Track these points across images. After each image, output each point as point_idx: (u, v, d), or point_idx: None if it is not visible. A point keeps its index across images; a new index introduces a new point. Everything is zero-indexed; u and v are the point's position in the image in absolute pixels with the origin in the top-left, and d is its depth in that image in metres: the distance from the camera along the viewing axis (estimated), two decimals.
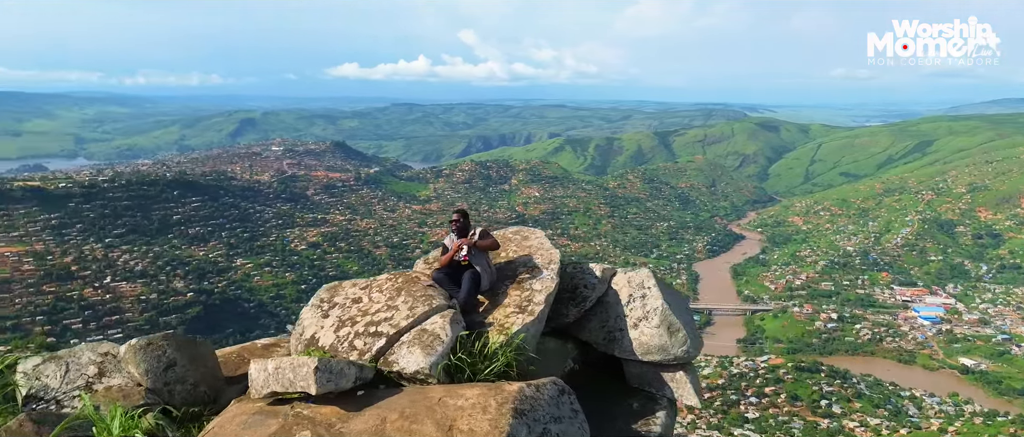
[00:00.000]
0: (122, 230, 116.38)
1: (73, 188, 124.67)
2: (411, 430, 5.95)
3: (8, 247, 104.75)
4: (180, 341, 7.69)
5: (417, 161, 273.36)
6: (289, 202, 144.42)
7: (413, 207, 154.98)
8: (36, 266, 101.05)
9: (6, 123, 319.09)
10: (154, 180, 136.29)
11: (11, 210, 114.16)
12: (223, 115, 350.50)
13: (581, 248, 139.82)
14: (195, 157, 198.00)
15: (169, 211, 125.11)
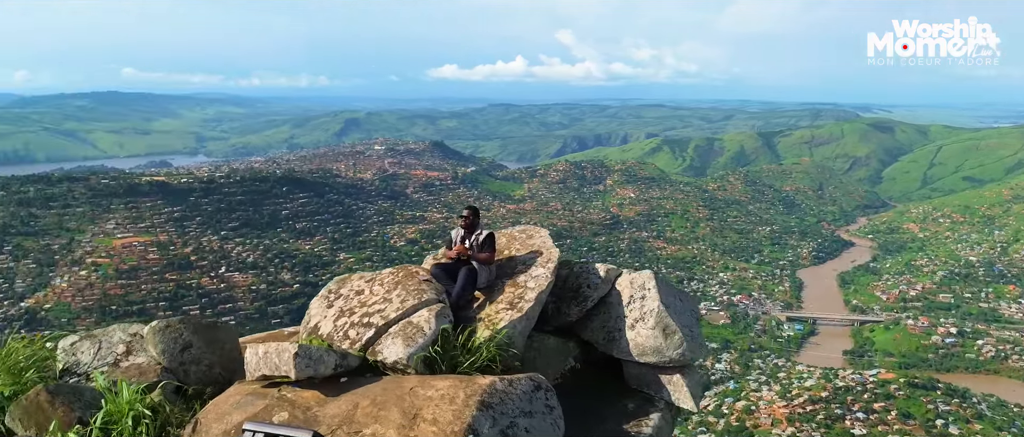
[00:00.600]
0: (236, 223, 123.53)
1: (194, 183, 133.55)
2: (377, 416, 6.16)
3: (136, 237, 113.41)
4: (197, 324, 8.03)
5: (512, 161, 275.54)
6: (389, 199, 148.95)
7: (507, 206, 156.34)
8: (160, 255, 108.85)
9: (136, 122, 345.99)
10: (265, 177, 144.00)
11: (139, 203, 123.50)
12: (330, 115, 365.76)
13: (678, 251, 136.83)
14: (303, 155, 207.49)
15: (278, 206, 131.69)
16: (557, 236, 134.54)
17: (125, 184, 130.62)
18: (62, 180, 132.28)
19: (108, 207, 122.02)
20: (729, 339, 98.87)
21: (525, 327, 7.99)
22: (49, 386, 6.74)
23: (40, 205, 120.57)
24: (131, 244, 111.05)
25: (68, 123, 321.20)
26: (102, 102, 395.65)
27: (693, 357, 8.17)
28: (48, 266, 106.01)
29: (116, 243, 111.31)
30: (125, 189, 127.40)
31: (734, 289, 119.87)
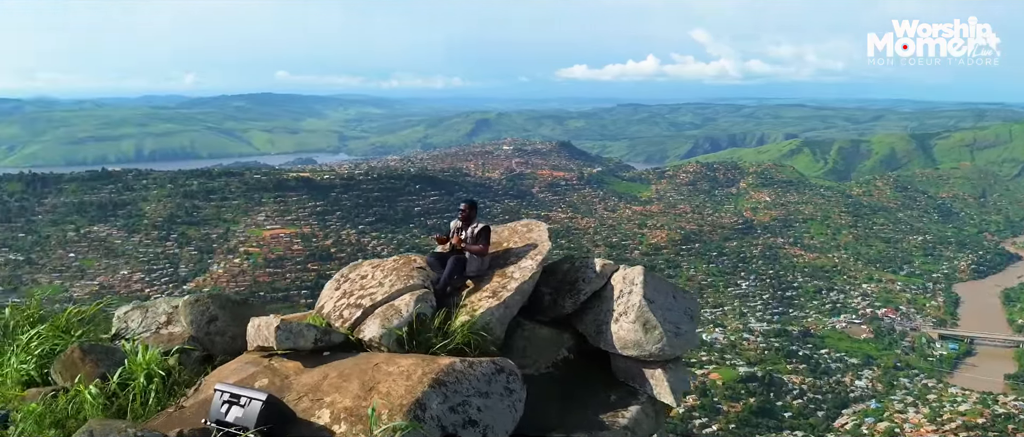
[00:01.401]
0: (372, 218, 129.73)
1: (335, 180, 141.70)
2: (339, 386, 6.73)
3: (283, 229, 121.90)
4: (225, 300, 8.95)
5: (640, 162, 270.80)
6: (516, 198, 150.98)
7: (634, 208, 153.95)
8: (303, 247, 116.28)
9: (286, 122, 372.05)
10: (400, 174, 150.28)
11: (286, 197, 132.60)
12: (462, 116, 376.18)
13: (816, 259, 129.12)
14: (435, 154, 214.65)
15: (411, 203, 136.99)
16: (685, 240, 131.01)
17: (274, 179, 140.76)
18: (221, 175, 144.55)
19: (259, 201, 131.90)
20: (871, 355, 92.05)
21: (503, 315, 8.30)
22: (83, 344, 7.72)
23: (202, 197, 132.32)
24: (278, 235, 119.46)
25: (228, 122, 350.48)
26: (257, 103, 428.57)
27: (673, 353, 8.26)
28: (207, 253, 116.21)
29: (265, 234, 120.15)
30: (274, 184, 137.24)
31: (878, 302, 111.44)
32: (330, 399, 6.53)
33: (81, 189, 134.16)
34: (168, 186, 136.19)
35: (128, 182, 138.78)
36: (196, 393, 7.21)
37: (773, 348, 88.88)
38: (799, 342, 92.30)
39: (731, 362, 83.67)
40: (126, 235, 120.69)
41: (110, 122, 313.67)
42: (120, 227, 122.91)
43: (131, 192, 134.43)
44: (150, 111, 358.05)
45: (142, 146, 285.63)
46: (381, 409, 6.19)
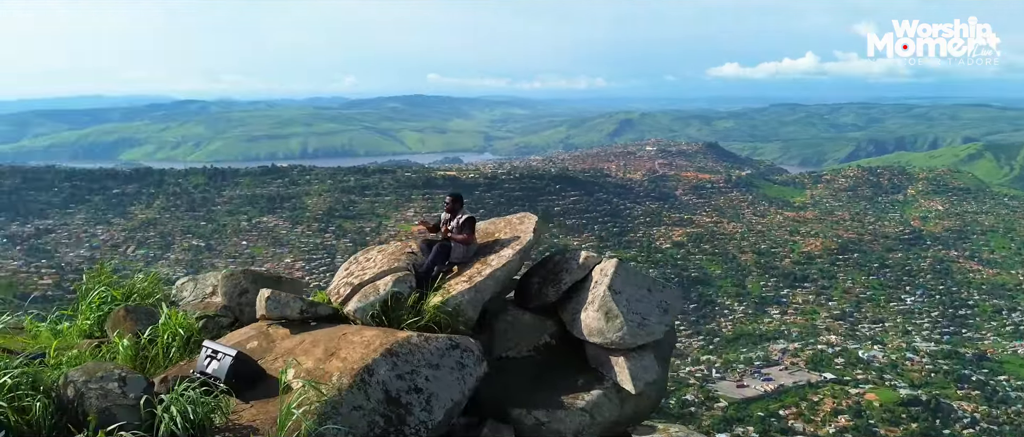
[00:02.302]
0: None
1: (479, 178, 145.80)
2: (308, 351, 7.62)
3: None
4: (257, 276, 10.04)
5: (794, 165, 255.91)
6: (657, 201, 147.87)
7: (785, 213, 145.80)
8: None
9: (436, 122, 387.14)
10: (541, 174, 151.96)
11: (434, 194, 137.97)
12: (604, 116, 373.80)
13: (995, 275, 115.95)
14: (577, 155, 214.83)
15: (552, 203, 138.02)
16: (842, 249, 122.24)
17: (423, 177, 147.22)
18: (375, 172, 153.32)
19: (409, 197, 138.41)
20: None
21: (474, 298, 8.78)
22: (128, 306, 9.25)
23: (358, 193, 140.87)
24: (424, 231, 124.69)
25: (383, 122, 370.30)
26: (410, 104, 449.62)
27: (633, 342, 8.54)
28: (361, 245, 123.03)
29: (413, 229, 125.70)
30: (423, 182, 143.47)
31: None
32: (299, 361, 7.38)
33: (254, 183, 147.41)
34: (328, 182, 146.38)
35: (294, 177, 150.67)
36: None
37: (941, 370, 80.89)
38: (973, 366, 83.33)
39: (891, 383, 77.15)
40: (290, 226, 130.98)
41: (280, 122, 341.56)
42: (285, 218, 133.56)
43: (296, 186, 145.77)
44: (315, 111, 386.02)
45: (307, 144, 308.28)
46: (334, 371, 7.02)
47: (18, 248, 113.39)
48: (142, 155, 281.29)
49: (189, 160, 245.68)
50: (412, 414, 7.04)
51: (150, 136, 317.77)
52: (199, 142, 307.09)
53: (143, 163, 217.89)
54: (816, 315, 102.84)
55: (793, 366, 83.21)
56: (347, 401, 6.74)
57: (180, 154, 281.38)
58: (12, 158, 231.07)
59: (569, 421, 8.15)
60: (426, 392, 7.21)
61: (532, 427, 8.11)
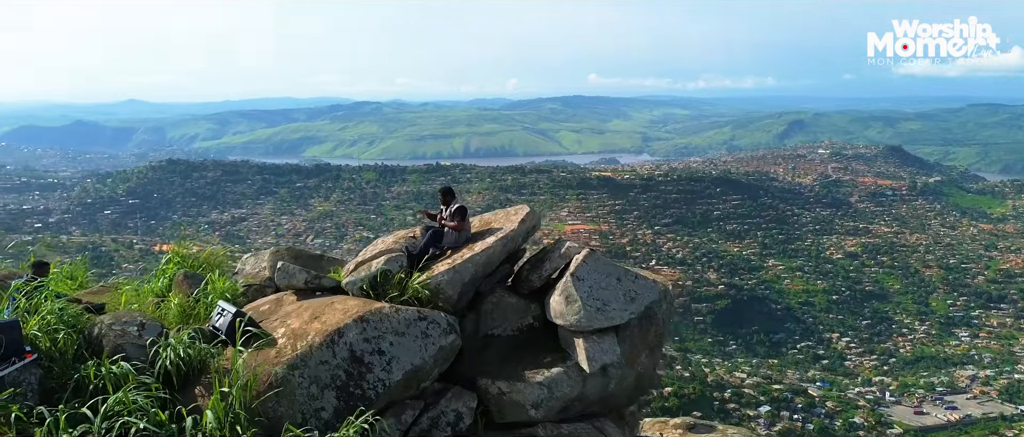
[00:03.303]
0: (668, 220, 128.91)
1: (635, 180, 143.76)
2: (299, 314, 8.81)
3: (583, 224, 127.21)
4: (299, 253, 11.45)
5: (994, 172, 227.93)
6: (829, 207, 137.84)
7: (980, 226, 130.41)
8: (601, 243, 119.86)
9: (594, 123, 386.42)
10: (701, 177, 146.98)
11: (587, 194, 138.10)
12: (773, 117, 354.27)
13: None
14: (740, 157, 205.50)
15: (711, 206, 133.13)
16: None
17: (578, 177, 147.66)
18: (532, 172, 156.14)
19: (564, 197, 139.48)
20: None
21: (453, 278, 9.47)
22: (186, 272, 10.96)
23: (515, 191, 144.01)
24: (578, 230, 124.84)
25: (542, 123, 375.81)
26: (568, 105, 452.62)
27: (590, 326, 9.08)
28: None
29: (567, 229, 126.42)
30: (578, 182, 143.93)
31: None
32: (289, 321, 8.68)
33: (419, 180, 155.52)
34: (487, 180, 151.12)
35: (456, 175, 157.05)
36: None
37: None
38: None
39: None
40: None
41: (446, 122, 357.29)
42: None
43: (457, 184, 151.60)
44: (478, 113, 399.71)
45: (469, 144, 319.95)
46: (313, 331, 8.19)
47: (217, 234, 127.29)
48: (323, 152, 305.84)
49: (363, 157, 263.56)
50: (372, 372, 8.02)
51: (330, 134, 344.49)
52: (373, 141, 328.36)
53: (323, 159, 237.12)
54: (1014, 340, 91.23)
55: (983, 395, 74.73)
56: (316, 356, 7.87)
57: (355, 151, 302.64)
58: (215, 153, 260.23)
59: (528, 393, 8.76)
60: (388, 355, 8.17)
61: (495, 396, 8.81)
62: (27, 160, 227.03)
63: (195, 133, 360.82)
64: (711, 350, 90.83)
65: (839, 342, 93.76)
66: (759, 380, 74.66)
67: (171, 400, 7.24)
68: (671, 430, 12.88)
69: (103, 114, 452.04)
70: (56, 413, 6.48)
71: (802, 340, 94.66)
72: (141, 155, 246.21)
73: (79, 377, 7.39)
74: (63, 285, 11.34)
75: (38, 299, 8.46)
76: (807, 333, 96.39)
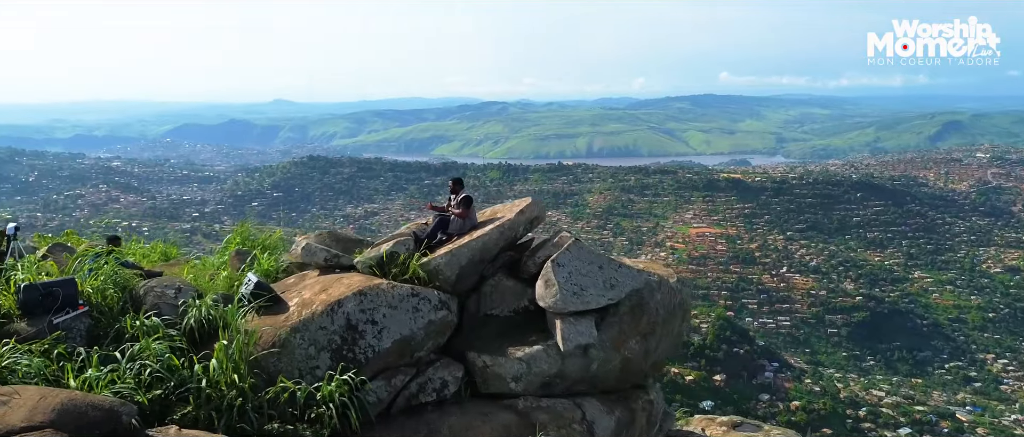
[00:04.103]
0: (802, 226, 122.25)
1: (766, 183, 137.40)
2: (311, 287, 9.96)
3: (709, 228, 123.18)
4: (340, 236, 12.31)
5: None
6: (987, 217, 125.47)
7: None
8: (727, 247, 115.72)
9: (724, 123, 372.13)
10: (839, 181, 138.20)
11: (715, 197, 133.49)
12: (924, 117, 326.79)
13: None
14: (885, 160, 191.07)
15: (849, 212, 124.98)
16: None
17: (705, 179, 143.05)
18: (656, 172, 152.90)
19: (689, 199, 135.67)
20: None
21: (450, 261, 10.24)
22: (238, 250, 12.57)
23: (637, 192, 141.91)
24: (704, 234, 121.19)
25: (669, 123, 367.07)
26: (697, 104, 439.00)
27: (565, 308, 9.67)
28: (637, 244, 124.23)
29: (692, 231, 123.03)
30: (705, 184, 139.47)
31: None
32: (303, 293, 9.79)
33: (541, 179, 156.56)
34: (609, 180, 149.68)
35: (577, 175, 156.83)
36: (279, 283, 11.15)
37: None
38: None
39: None
40: (571, 221, 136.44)
41: (570, 122, 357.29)
42: (567, 214, 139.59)
43: (579, 184, 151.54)
44: (603, 112, 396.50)
45: (593, 144, 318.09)
46: (318, 301, 9.25)
47: (351, 227, 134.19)
48: (450, 150, 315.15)
49: (488, 156, 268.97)
50: (363, 339, 9.03)
51: (458, 134, 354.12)
52: (498, 140, 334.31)
53: (450, 158, 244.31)
54: None
55: None
56: (316, 322, 8.91)
57: (481, 150, 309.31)
58: (351, 150, 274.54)
59: (508, 367, 9.45)
60: (380, 325, 9.15)
61: (480, 368, 9.55)
62: (188, 155, 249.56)
63: (334, 131, 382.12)
64: (845, 365, 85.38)
65: (995, 364, 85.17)
66: (899, 400, 69.43)
67: (189, 351, 8.36)
68: (716, 427, 13.38)
69: (254, 113, 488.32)
70: (90, 353, 7.79)
71: (951, 360, 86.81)
72: (285, 151, 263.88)
73: (119, 327, 8.69)
74: (143, 257, 13.83)
75: (98, 264, 10.05)
76: (957, 352, 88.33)
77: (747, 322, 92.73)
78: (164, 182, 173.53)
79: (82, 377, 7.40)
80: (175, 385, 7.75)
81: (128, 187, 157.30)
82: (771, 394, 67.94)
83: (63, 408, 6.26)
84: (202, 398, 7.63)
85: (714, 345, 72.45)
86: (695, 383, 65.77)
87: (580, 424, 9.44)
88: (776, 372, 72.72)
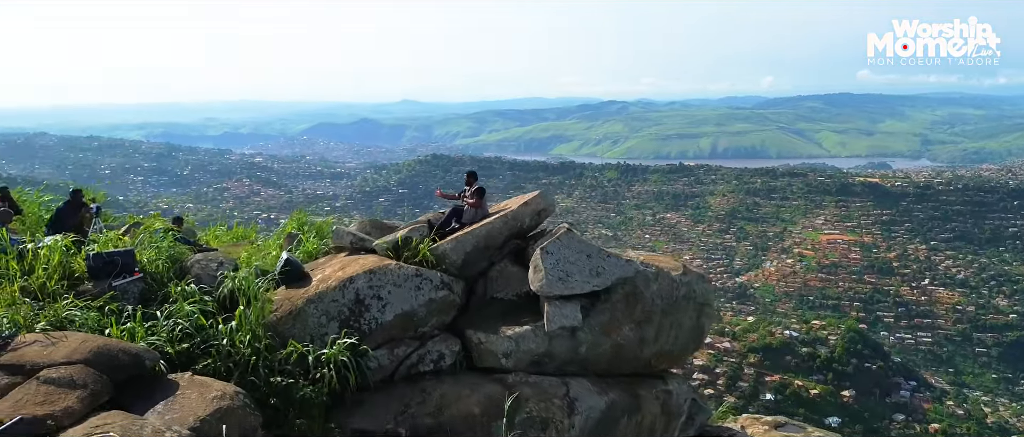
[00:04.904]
0: (948, 235, 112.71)
1: (908, 188, 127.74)
2: (334, 266, 10.93)
3: (841, 235, 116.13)
4: (378, 222, 13.35)
5: None
6: None
7: None
8: (862, 256, 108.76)
9: (861, 124, 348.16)
10: (994, 187, 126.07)
11: (849, 202, 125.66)
12: None
13: None
14: None
15: (1004, 222, 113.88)
16: None
17: (838, 183, 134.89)
18: (784, 175, 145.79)
19: (820, 203, 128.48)
20: None
21: (455, 247, 11.06)
22: (290, 232, 14.28)
23: (763, 195, 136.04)
24: (835, 241, 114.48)
25: (799, 123, 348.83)
26: (832, 104, 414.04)
27: (550, 292, 10.32)
28: (762, 250, 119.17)
29: (822, 238, 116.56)
30: (838, 188, 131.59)
31: None
32: (325, 270, 10.83)
33: (661, 180, 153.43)
34: (733, 182, 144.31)
35: (699, 176, 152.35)
36: (315, 261, 12.25)
37: None
38: None
39: None
40: (692, 224, 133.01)
41: (693, 121, 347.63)
42: (688, 217, 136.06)
43: (701, 185, 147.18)
44: (728, 112, 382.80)
45: (717, 144, 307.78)
46: (335, 278, 10.20)
47: None
48: (569, 150, 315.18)
49: (607, 156, 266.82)
50: (369, 311, 9.95)
51: (577, 133, 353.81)
52: (617, 140, 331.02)
53: (568, 157, 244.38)
54: None
55: None
56: (330, 295, 9.90)
57: (600, 150, 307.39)
58: (472, 150, 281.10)
59: (499, 344, 10.13)
60: (384, 300, 10.06)
61: (475, 344, 10.29)
62: (322, 152, 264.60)
63: (457, 131, 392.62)
64: (994, 388, 78.19)
65: None
66: None
67: (218, 315, 9.46)
68: (759, 426, 13.74)
69: (382, 113, 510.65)
70: (134, 311, 9.02)
71: None
72: (411, 150, 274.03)
73: (166, 292, 10.06)
74: (214, 238, 16.27)
75: (157, 238, 11.97)
76: None
77: (882, 336, 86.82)
78: (300, 177, 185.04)
79: (122, 328, 8.61)
80: (201, 341, 8.85)
81: (268, 181, 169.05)
82: (907, 414, 63.34)
83: (98, 350, 7.47)
84: (221, 353, 8.68)
85: (842, 359, 68.38)
86: (820, 398, 62.40)
87: (561, 400, 9.95)
88: (913, 391, 67.71)
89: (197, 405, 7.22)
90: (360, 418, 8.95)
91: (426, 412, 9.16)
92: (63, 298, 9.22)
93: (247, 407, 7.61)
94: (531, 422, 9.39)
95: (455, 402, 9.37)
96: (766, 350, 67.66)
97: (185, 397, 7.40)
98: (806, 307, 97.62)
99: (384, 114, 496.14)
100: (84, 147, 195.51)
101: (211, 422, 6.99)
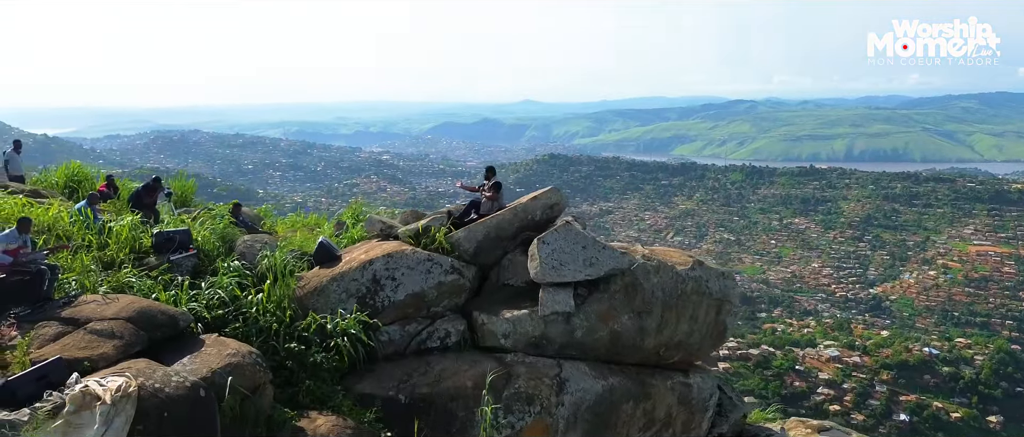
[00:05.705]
0: None
1: None
2: (362, 249, 12.14)
3: (993, 246, 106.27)
4: (419, 214, 14.28)
5: None
6: None
7: None
8: (1016, 270, 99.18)
9: (1021, 125, 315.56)
10: None
11: (1003, 210, 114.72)
12: None
13: None
14: None
15: None
16: None
17: (991, 189, 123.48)
18: (929, 180, 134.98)
19: (969, 211, 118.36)
20: None
21: (468, 236, 12.10)
22: (339, 221, 15.70)
23: (903, 202, 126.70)
24: (986, 253, 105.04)
25: (948, 124, 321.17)
26: (987, 103, 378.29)
27: (544, 279, 11.11)
28: (900, 260, 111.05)
29: (971, 249, 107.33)
30: (990, 195, 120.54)
31: None
32: (354, 253, 12.05)
33: (789, 183, 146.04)
34: (870, 187, 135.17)
35: (831, 180, 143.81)
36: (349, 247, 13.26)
37: None
38: None
39: None
40: (822, 230, 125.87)
41: (826, 122, 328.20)
42: (818, 222, 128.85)
43: (833, 189, 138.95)
44: (867, 112, 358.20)
45: (853, 146, 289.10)
46: (358, 260, 11.31)
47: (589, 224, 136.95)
48: (691, 151, 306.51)
49: (731, 157, 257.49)
50: (383, 290, 11.02)
51: (701, 134, 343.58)
52: (743, 140, 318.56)
53: (690, 158, 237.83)
54: None
55: None
56: (351, 275, 11.05)
57: (724, 151, 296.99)
58: (590, 149, 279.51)
59: (499, 325, 10.92)
60: (397, 281, 11.11)
61: (479, 325, 11.12)
62: (445, 151, 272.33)
63: (576, 130, 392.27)
64: None
65: None
66: None
67: (253, 287, 10.86)
68: (803, 428, 14.21)
69: (503, 113, 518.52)
70: (184, 282, 10.40)
71: None
72: (530, 149, 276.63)
73: (214, 267, 11.52)
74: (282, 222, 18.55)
75: (214, 221, 13.76)
76: None
77: None
78: (424, 175, 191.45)
79: (169, 294, 9.97)
80: (234, 309, 10.05)
81: (394, 178, 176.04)
82: None
83: (141, 310, 8.85)
84: (248, 320, 9.89)
85: (990, 381, 62.96)
86: (962, 422, 57.68)
87: (551, 380, 10.54)
88: None
89: (213, 360, 8.29)
90: (367, 384, 9.92)
91: (425, 382, 9.98)
92: (124, 268, 10.88)
93: (257, 365, 8.53)
94: (518, 397, 10.12)
95: (453, 375, 10.16)
96: (901, 367, 63.47)
97: (206, 353, 8.51)
98: (950, 323, 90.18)
99: (505, 114, 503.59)
100: (231, 143, 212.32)
101: (222, 373, 8.00)
